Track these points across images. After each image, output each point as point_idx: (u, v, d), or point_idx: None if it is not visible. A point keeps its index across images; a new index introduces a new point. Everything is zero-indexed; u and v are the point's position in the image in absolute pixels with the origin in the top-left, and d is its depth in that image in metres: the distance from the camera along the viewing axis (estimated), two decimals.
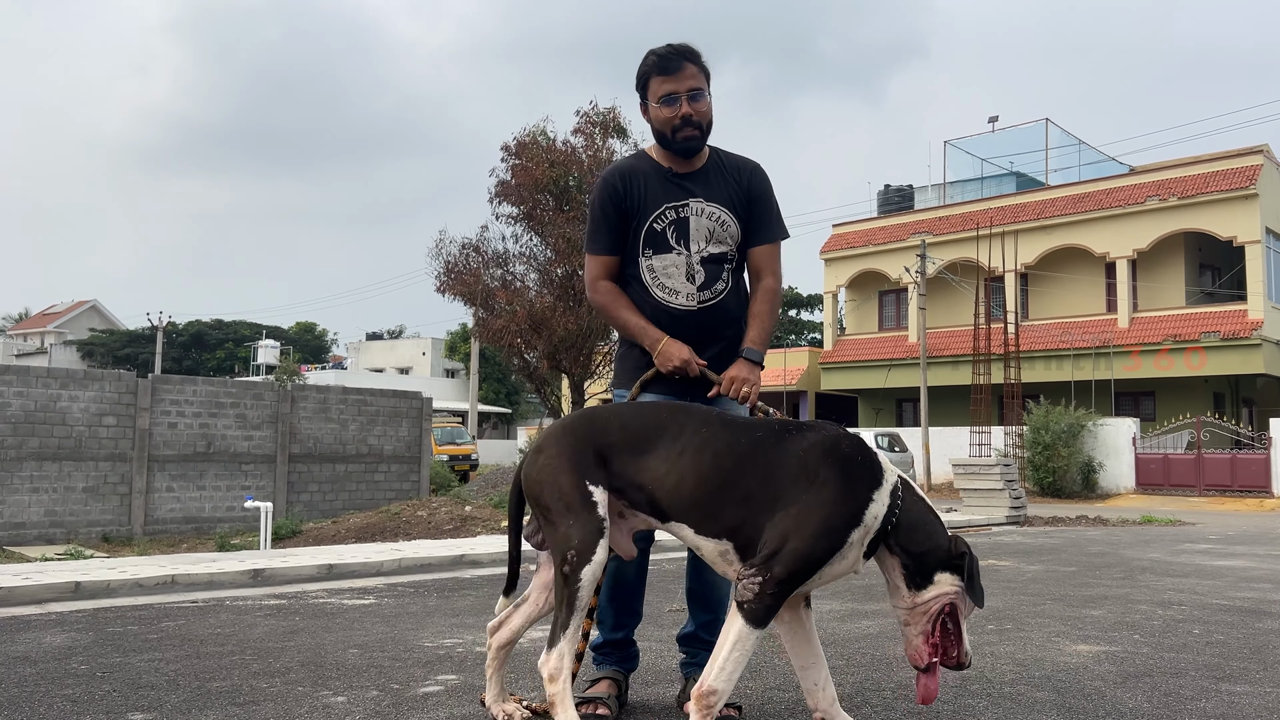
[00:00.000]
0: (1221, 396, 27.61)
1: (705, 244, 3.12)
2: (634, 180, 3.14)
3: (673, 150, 3.12)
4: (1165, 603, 5.75)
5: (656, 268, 3.12)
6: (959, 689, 3.41)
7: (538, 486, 2.70)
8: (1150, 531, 12.56)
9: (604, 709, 2.93)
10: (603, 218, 3.15)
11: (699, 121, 3.07)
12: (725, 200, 3.15)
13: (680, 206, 3.11)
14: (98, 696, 3.21)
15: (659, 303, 3.11)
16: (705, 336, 3.10)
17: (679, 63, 3.07)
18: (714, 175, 3.17)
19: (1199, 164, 27.00)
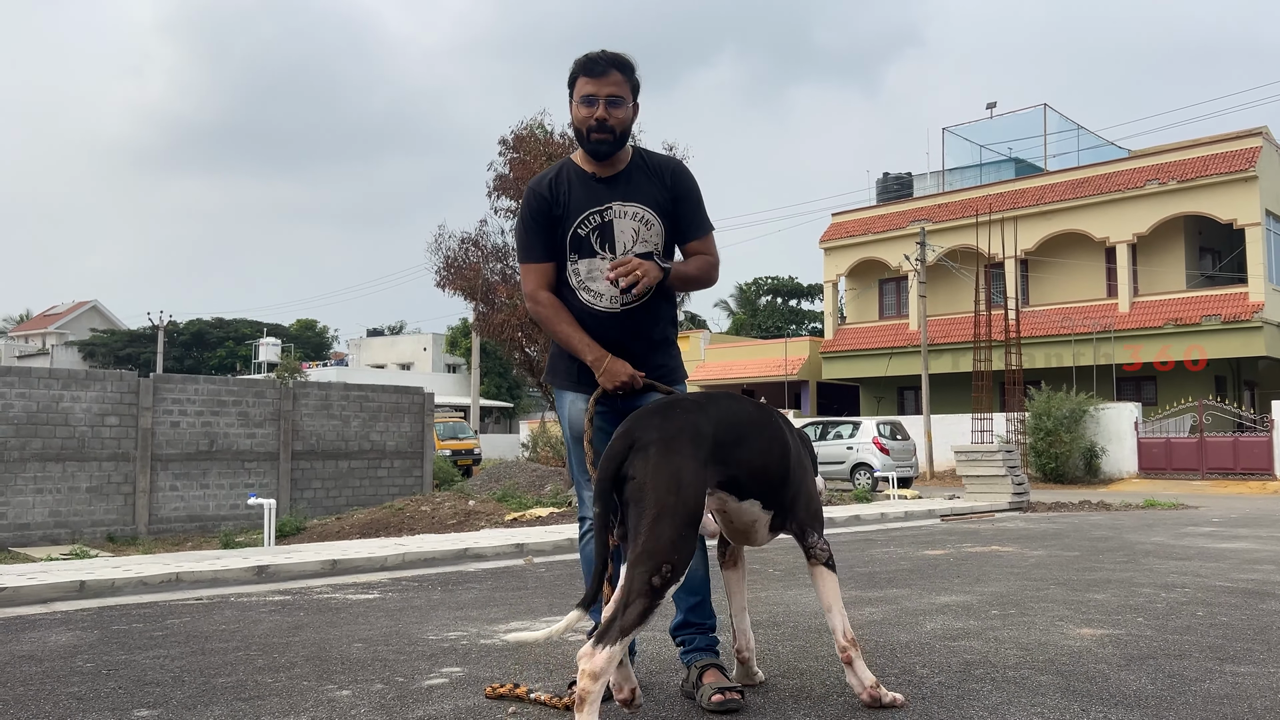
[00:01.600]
0: (1223, 379, 27.60)
1: (632, 244, 3.18)
2: (558, 187, 3.20)
3: (585, 149, 3.19)
4: (1169, 585, 5.75)
5: (581, 272, 3.18)
6: (963, 673, 3.42)
7: (652, 488, 2.60)
8: (1153, 515, 12.57)
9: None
10: (535, 227, 3.20)
11: (612, 127, 3.13)
12: (649, 200, 3.21)
13: (603, 210, 3.18)
14: (103, 694, 3.21)
15: (584, 305, 3.17)
16: (629, 336, 3.17)
17: (605, 68, 3.14)
18: (636, 176, 3.23)
19: (1198, 147, 26.93)
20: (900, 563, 7.06)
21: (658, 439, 2.68)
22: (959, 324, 28.74)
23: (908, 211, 31.62)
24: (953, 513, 12.47)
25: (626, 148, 3.25)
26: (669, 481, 2.62)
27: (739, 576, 3.28)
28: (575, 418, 3.21)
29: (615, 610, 2.52)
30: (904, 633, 4.23)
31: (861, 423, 22.05)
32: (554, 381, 3.31)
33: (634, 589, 2.52)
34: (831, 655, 3.73)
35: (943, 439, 25.84)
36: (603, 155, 3.18)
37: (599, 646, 2.45)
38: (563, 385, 3.27)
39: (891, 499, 14.84)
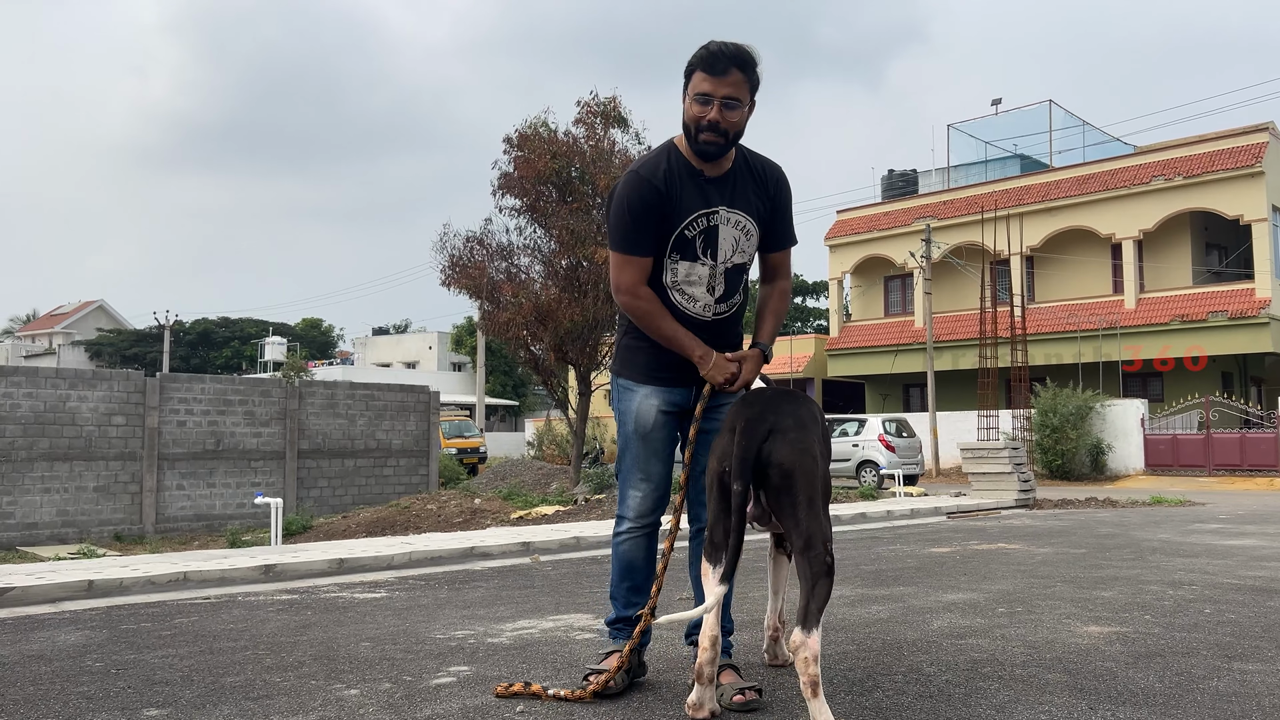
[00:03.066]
0: (1230, 376, 27.52)
1: (731, 254, 3.12)
2: (672, 181, 3.06)
3: (692, 148, 3.06)
4: (1176, 583, 5.74)
5: (680, 273, 3.10)
6: (970, 671, 3.42)
7: (811, 474, 2.80)
8: (1160, 512, 12.54)
9: (614, 682, 3.07)
10: (645, 220, 3.04)
11: (726, 130, 3.00)
12: (751, 209, 3.13)
13: (711, 214, 3.07)
14: (113, 693, 3.22)
15: (675, 306, 3.11)
16: (717, 343, 3.15)
17: (726, 66, 2.98)
18: (740, 180, 3.13)
19: (1204, 143, 26.84)
20: (906, 560, 7.05)
21: (793, 424, 2.85)
22: (965, 321, 28.69)
23: (913, 208, 31.57)
24: (959, 510, 12.46)
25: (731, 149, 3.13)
26: (814, 465, 2.81)
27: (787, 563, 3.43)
28: (645, 413, 3.16)
29: (807, 596, 2.68)
30: (911, 631, 4.22)
31: (867, 420, 22.04)
32: (627, 374, 3.22)
33: (816, 570, 2.69)
34: (846, 651, 3.73)
35: (948, 436, 25.81)
36: (711, 157, 3.06)
37: (809, 631, 2.62)
38: (638, 379, 3.19)
39: (897, 496, 14.83)
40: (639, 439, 3.19)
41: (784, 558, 3.50)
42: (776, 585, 3.52)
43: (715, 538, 2.90)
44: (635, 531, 3.22)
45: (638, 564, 3.23)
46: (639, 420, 3.18)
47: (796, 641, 2.62)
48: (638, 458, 3.19)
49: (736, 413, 2.94)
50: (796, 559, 2.77)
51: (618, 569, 3.25)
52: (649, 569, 3.24)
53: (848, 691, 3.14)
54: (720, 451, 2.92)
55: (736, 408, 2.97)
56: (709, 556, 2.91)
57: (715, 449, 2.97)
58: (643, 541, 3.23)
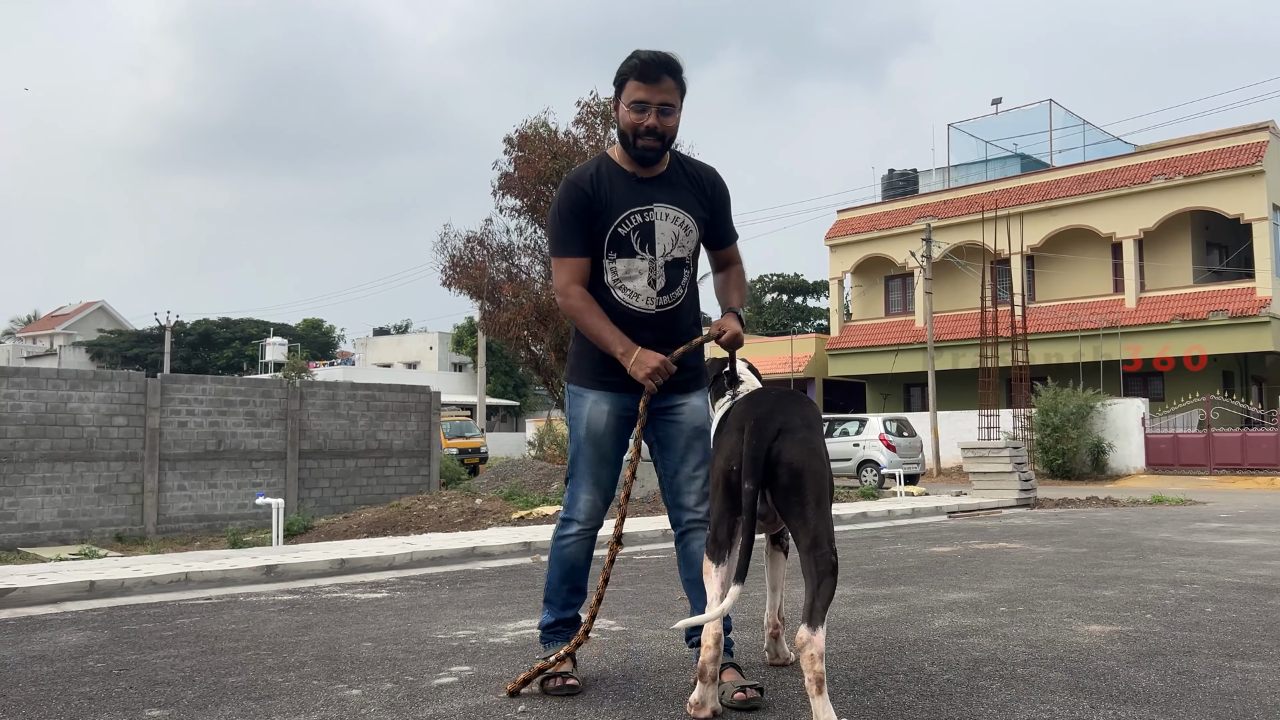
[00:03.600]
0: (1230, 375, 27.51)
1: (670, 248, 3.20)
2: (599, 182, 3.18)
3: (631, 154, 3.18)
4: (1177, 582, 5.74)
5: (620, 270, 3.18)
6: (972, 671, 3.42)
7: (819, 474, 2.85)
8: (1161, 511, 12.54)
9: (574, 680, 3.13)
10: (575, 221, 3.16)
11: (663, 134, 3.14)
12: (689, 205, 3.23)
13: (645, 210, 3.17)
14: (115, 694, 3.23)
15: (618, 304, 3.18)
16: (662, 339, 3.19)
17: (659, 74, 3.10)
18: (677, 180, 3.25)
19: (1205, 141, 26.83)
20: (908, 560, 7.06)
21: (801, 424, 2.89)
22: (965, 320, 28.68)
23: (913, 208, 31.56)
24: (960, 510, 12.46)
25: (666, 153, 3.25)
26: (821, 466, 2.86)
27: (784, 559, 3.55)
28: (595, 419, 3.21)
29: (813, 594, 2.70)
30: (912, 630, 4.23)
31: (868, 420, 22.03)
32: (576, 380, 3.28)
33: (822, 569, 2.73)
34: (847, 650, 3.73)
35: (949, 436, 25.80)
36: (649, 162, 3.19)
37: (815, 629, 2.64)
38: (586, 384, 3.24)
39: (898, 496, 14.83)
40: (590, 444, 3.23)
41: (780, 554, 3.54)
42: (775, 582, 3.55)
43: (719, 536, 2.92)
44: (583, 535, 3.28)
45: (580, 565, 3.29)
46: (590, 426, 3.22)
47: (803, 639, 2.65)
48: (590, 462, 3.24)
49: (744, 412, 2.97)
50: (803, 557, 2.79)
51: (560, 571, 3.28)
52: (588, 569, 3.33)
53: (849, 690, 3.14)
54: (728, 451, 2.94)
55: (743, 407, 3.01)
56: (712, 555, 2.93)
57: (722, 448, 2.99)
58: (587, 544, 3.30)
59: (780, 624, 3.57)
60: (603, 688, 3.22)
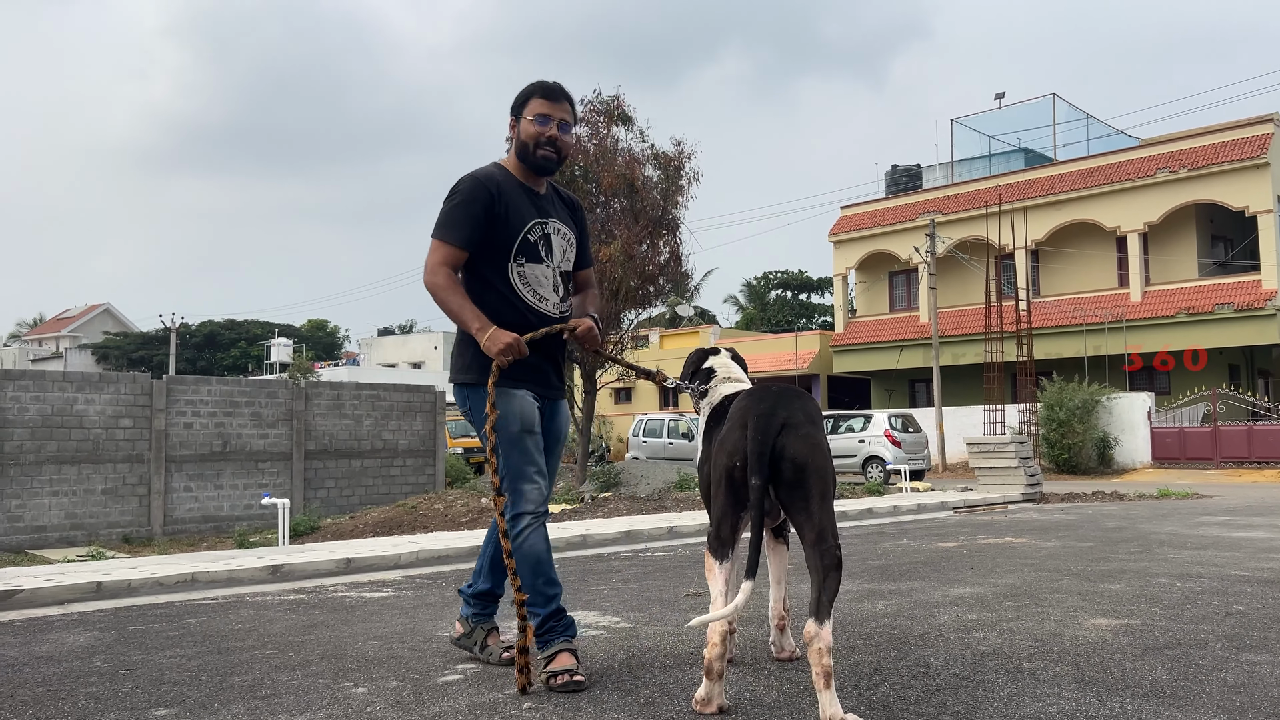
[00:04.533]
0: (1236, 368, 27.43)
1: (561, 260, 3.51)
2: (505, 190, 3.40)
3: (528, 164, 3.44)
4: (1184, 575, 5.73)
5: (528, 275, 3.41)
6: (978, 665, 3.42)
7: (823, 469, 2.90)
8: (1167, 505, 12.52)
9: (580, 676, 3.15)
10: (469, 215, 3.33)
11: (560, 147, 3.45)
12: (569, 224, 3.59)
13: (545, 223, 3.47)
14: (121, 694, 3.24)
15: (529, 305, 3.40)
16: (557, 345, 3.50)
17: (560, 96, 3.46)
18: (556, 202, 3.59)
19: (1209, 134, 26.75)
20: (913, 555, 7.05)
21: (804, 419, 2.94)
22: (970, 315, 28.64)
23: (917, 203, 31.51)
24: (965, 505, 12.44)
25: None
26: (825, 460, 2.91)
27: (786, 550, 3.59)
28: (528, 410, 3.37)
29: (819, 589, 2.73)
30: (918, 625, 4.22)
31: (873, 416, 22.01)
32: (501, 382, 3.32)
33: (827, 563, 2.76)
34: (853, 645, 3.73)
35: (955, 431, 25.77)
36: (546, 171, 3.46)
37: (822, 623, 2.66)
38: (509, 384, 3.35)
39: (904, 492, 14.81)
40: (527, 435, 3.37)
41: (783, 546, 3.54)
42: (779, 575, 3.57)
43: (723, 533, 2.96)
44: (535, 521, 3.36)
45: (543, 555, 3.35)
46: (524, 418, 3.37)
47: (810, 633, 2.66)
48: (528, 452, 3.36)
49: (745, 408, 2.98)
50: (808, 552, 2.81)
51: (528, 568, 3.30)
52: (550, 557, 3.41)
53: (855, 685, 3.14)
54: (730, 447, 2.96)
55: (745, 403, 3.02)
56: (716, 552, 2.97)
57: (724, 444, 3.00)
58: (541, 531, 3.39)
59: (785, 616, 3.57)
60: (608, 684, 3.22)
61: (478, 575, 3.68)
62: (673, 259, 15.89)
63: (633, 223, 15.15)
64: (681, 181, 15.87)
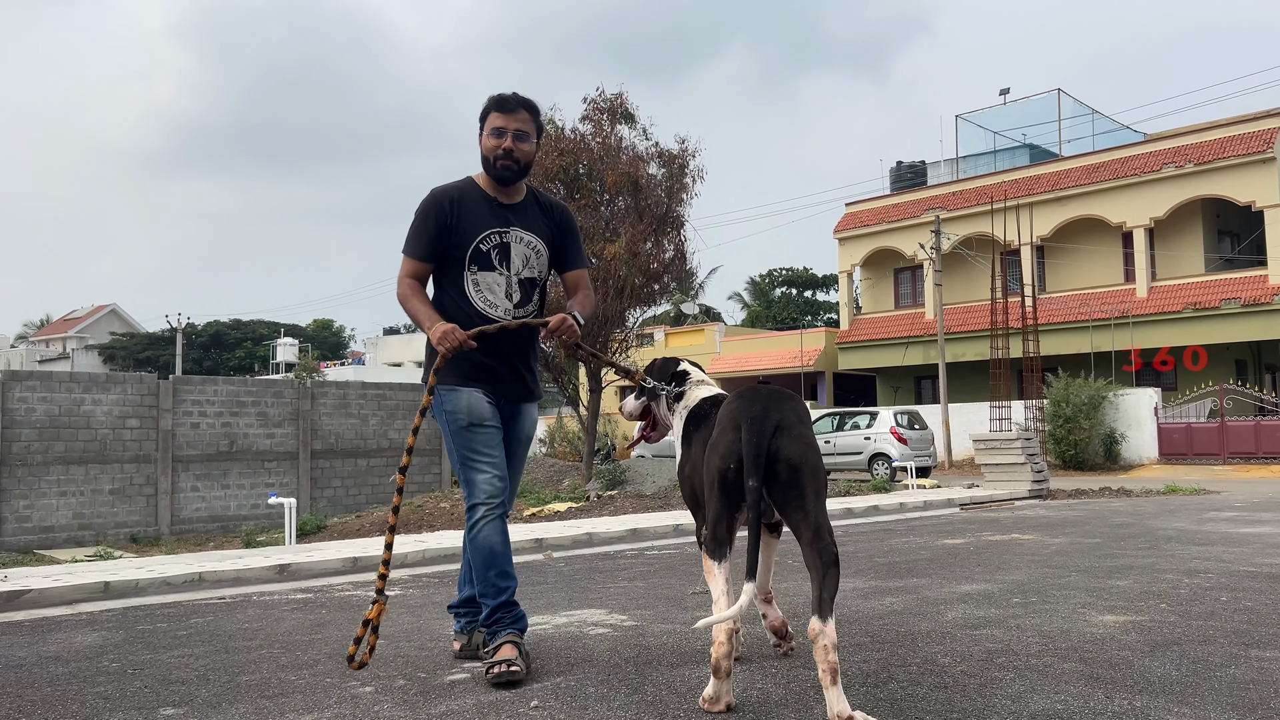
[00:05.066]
0: (1244, 363, 27.35)
1: (523, 268, 3.62)
2: (461, 205, 3.56)
3: (491, 175, 3.59)
4: (1192, 571, 5.72)
5: (480, 282, 3.55)
6: (985, 662, 3.41)
7: (816, 468, 2.96)
8: (1174, 501, 12.49)
9: (517, 667, 3.20)
10: (424, 229, 3.55)
11: (518, 158, 3.56)
12: (540, 232, 3.66)
13: (503, 232, 3.58)
14: (129, 693, 3.24)
15: (479, 310, 3.53)
16: (517, 347, 3.60)
17: (515, 106, 3.57)
18: (531, 210, 3.68)
19: (1215, 129, 26.66)
20: (920, 552, 7.04)
21: (796, 420, 2.99)
22: (976, 312, 28.59)
23: (922, 200, 31.45)
24: (972, 501, 12.42)
25: (522, 182, 3.66)
26: (818, 459, 2.97)
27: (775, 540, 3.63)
28: (476, 404, 3.49)
29: (820, 586, 2.76)
30: (925, 622, 4.21)
31: (879, 413, 21.97)
32: (446, 381, 3.49)
33: (826, 560, 2.79)
34: (860, 642, 3.72)
35: (961, 428, 25.72)
36: (507, 181, 3.59)
37: (826, 620, 2.68)
38: (458, 383, 3.49)
39: (910, 489, 14.79)
40: (477, 427, 3.49)
41: (773, 538, 3.60)
42: (767, 561, 3.63)
43: (719, 534, 2.98)
44: (490, 513, 3.42)
45: (498, 548, 3.42)
46: (472, 411, 3.49)
47: (815, 630, 2.68)
48: (476, 443, 3.47)
49: (738, 410, 3.01)
50: (806, 551, 2.83)
51: (480, 559, 3.41)
52: (507, 550, 3.45)
53: (863, 683, 3.14)
54: (724, 449, 2.97)
55: (736, 406, 3.05)
56: (714, 553, 2.98)
57: (717, 447, 3.02)
58: (500, 524, 3.44)
59: (770, 591, 3.68)
60: (615, 682, 3.22)
61: (462, 584, 3.74)
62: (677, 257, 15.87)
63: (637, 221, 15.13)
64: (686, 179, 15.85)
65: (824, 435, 21.64)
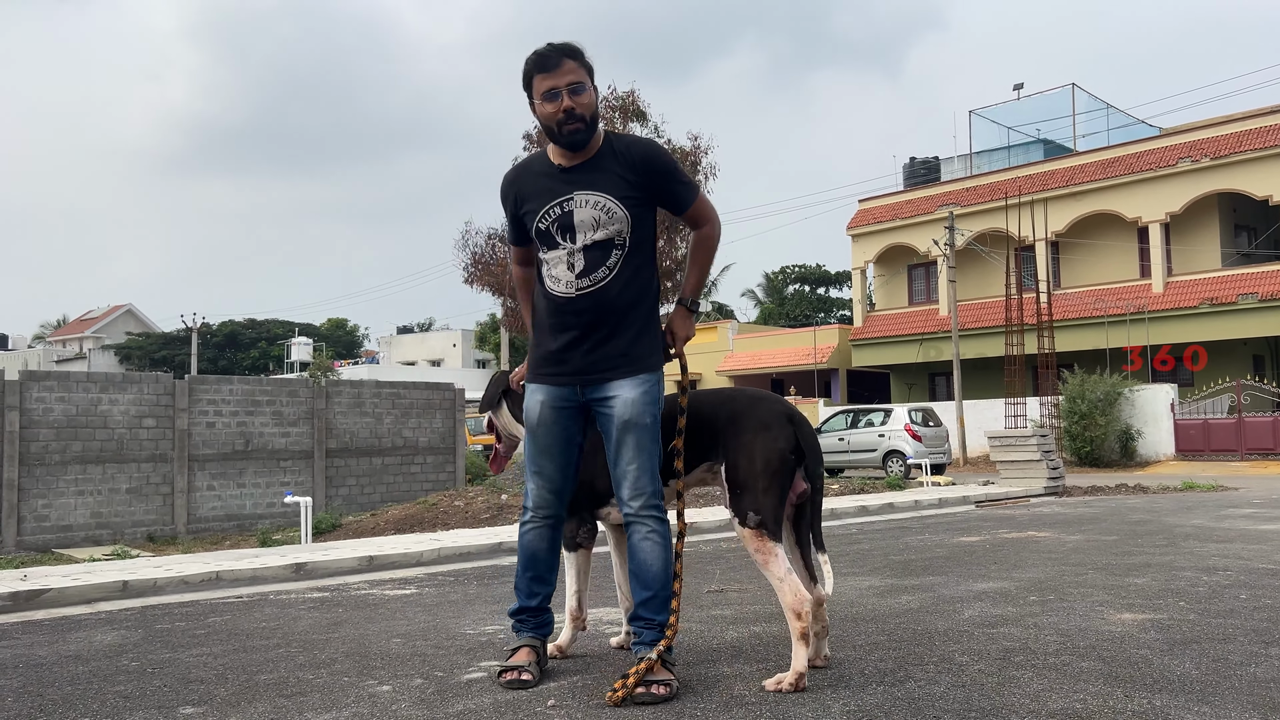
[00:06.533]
0: (1261, 359, 27.15)
1: (592, 233, 3.17)
2: (521, 182, 3.32)
3: (561, 144, 3.20)
4: (1210, 569, 5.68)
5: (549, 262, 3.25)
6: (1003, 660, 3.39)
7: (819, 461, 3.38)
8: (1192, 498, 12.40)
9: (527, 674, 3.17)
10: (507, 217, 3.44)
11: (582, 114, 3.14)
12: (610, 187, 3.18)
13: (565, 201, 3.19)
14: (149, 692, 3.26)
15: (548, 290, 3.27)
16: (586, 321, 3.19)
17: (558, 59, 3.14)
18: (604, 162, 3.22)
19: (1231, 123, 26.46)
20: (936, 550, 7.02)
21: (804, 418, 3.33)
22: (990, 308, 28.47)
23: (935, 196, 31.34)
24: (987, 499, 12.38)
25: (597, 133, 3.23)
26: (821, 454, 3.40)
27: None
28: (532, 409, 3.30)
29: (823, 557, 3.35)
30: (942, 620, 4.20)
31: (893, 410, 21.91)
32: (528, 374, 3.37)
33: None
34: (876, 641, 3.71)
35: (976, 425, 25.63)
36: (580, 145, 3.18)
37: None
38: (530, 378, 3.34)
39: (925, 486, 14.74)
40: (530, 435, 3.32)
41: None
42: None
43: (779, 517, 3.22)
44: (536, 521, 3.32)
45: (540, 555, 3.33)
46: (529, 416, 3.31)
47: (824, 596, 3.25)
48: (531, 453, 3.32)
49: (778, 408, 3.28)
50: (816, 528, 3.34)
51: (521, 559, 3.38)
52: (551, 560, 3.36)
53: (879, 682, 3.13)
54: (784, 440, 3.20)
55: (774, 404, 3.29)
56: (775, 535, 3.17)
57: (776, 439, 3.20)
58: (545, 532, 3.33)
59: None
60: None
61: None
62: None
63: None
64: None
65: (838, 433, 21.59)
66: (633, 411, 3.14)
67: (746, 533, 3.14)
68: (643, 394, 3.15)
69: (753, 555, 3.16)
